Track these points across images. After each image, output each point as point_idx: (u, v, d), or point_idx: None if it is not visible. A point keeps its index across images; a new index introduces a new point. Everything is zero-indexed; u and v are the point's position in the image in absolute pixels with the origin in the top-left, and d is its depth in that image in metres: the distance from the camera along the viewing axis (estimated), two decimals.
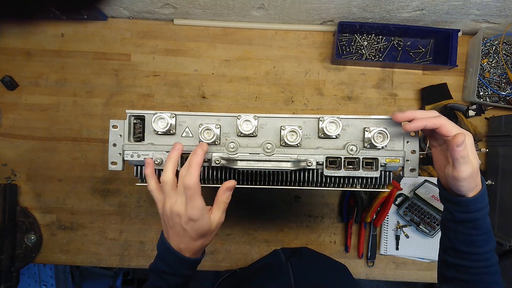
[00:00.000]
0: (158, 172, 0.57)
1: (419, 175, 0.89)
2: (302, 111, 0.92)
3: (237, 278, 0.82)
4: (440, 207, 0.87)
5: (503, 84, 0.89)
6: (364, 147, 0.56)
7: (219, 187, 0.58)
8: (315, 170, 0.57)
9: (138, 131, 0.57)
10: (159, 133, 0.56)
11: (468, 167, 0.47)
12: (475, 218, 0.50)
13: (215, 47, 0.92)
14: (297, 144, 0.55)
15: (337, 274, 0.76)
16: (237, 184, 0.58)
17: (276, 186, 0.58)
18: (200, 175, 0.57)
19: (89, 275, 1.39)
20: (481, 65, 0.88)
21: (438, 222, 0.85)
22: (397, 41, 0.90)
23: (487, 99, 0.89)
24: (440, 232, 0.85)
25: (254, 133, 0.55)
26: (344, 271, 0.79)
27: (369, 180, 0.57)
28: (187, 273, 0.53)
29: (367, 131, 0.55)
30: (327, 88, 0.92)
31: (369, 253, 0.89)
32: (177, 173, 0.51)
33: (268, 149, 0.55)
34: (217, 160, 0.55)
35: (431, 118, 0.49)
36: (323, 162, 0.55)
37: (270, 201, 0.91)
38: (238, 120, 0.55)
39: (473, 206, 0.50)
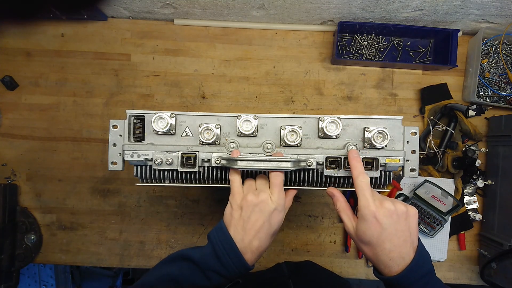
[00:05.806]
0: (159, 172, 0.57)
1: (419, 175, 0.89)
2: (302, 111, 0.92)
3: None
4: (441, 207, 0.87)
5: (503, 84, 0.89)
6: (364, 147, 0.56)
7: (219, 187, 0.58)
8: (315, 170, 0.57)
9: (138, 131, 0.57)
10: (159, 133, 0.56)
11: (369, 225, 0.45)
12: None
13: (215, 47, 0.92)
14: (297, 144, 0.55)
15: None
16: None
17: None
18: (201, 175, 0.57)
19: (89, 275, 1.39)
20: (481, 65, 0.88)
21: (438, 222, 0.85)
22: (397, 41, 0.90)
23: (487, 99, 0.89)
24: (440, 232, 0.86)
25: (254, 133, 0.55)
26: None
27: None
28: (234, 278, 0.49)
29: (367, 131, 0.55)
30: (327, 88, 0.92)
31: None
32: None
33: (268, 149, 0.55)
34: (217, 160, 0.55)
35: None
36: (323, 162, 0.55)
37: None
38: (238, 120, 0.55)
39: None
